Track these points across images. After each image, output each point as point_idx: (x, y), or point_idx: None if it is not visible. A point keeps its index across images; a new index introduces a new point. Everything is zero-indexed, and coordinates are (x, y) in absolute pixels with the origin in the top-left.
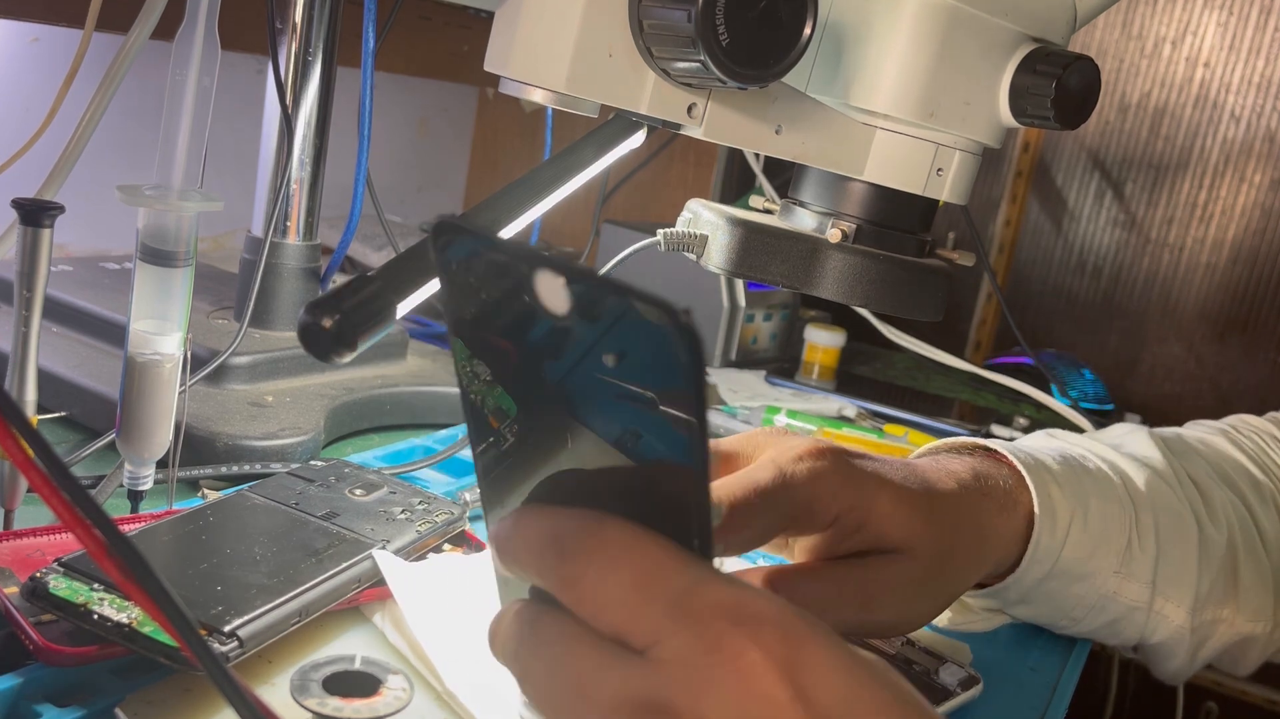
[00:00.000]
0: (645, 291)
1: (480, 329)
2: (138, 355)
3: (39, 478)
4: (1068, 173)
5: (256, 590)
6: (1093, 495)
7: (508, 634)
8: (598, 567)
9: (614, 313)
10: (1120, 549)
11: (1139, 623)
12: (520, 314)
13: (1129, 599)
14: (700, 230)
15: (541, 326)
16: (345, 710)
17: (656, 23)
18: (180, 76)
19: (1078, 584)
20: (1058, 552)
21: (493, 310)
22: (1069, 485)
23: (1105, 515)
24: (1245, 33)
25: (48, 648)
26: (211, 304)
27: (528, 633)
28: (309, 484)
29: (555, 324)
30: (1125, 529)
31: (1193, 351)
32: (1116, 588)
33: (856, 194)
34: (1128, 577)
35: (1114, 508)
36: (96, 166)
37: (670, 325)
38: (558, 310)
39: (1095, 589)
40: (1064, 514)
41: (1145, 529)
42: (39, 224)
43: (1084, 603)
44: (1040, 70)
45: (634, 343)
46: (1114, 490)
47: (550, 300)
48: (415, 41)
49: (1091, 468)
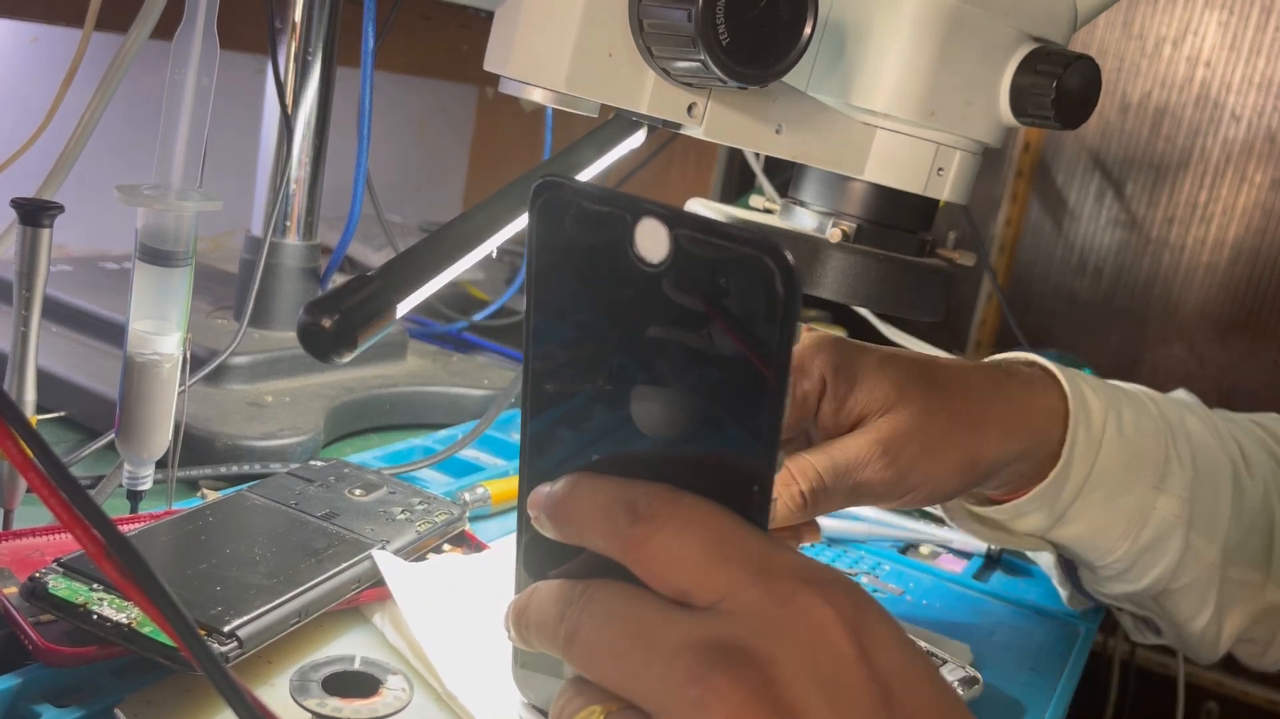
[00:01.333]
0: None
1: (562, 287)
2: (137, 355)
3: (38, 478)
4: (1068, 172)
5: (256, 591)
6: (1126, 406)
7: (548, 598)
8: (671, 527)
9: (710, 255)
10: (1159, 462)
11: (1173, 553)
12: (610, 267)
13: (1168, 513)
14: None
15: (630, 278)
16: (345, 711)
17: (656, 22)
18: (179, 76)
19: (1120, 497)
20: (1096, 449)
21: (581, 266)
22: (1102, 391)
23: (1140, 427)
24: (1246, 32)
25: (47, 648)
26: (211, 304)
27: (577, 594)
28: (308, 484)
29: (647, 274)
30: (1162, 444)
31: (1194, 352)
32: (1155, 502)
33: (857, 194)
34: (1165, 492)
35: (1148, 422)
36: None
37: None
38: (655, 257)
39: (1135, 503)
40: (1098, 413)
41: (1182, 452)
42: (38, 224)
43: (1125, 517)
44: (1041, 70)
45: (728, 284)
46: (1149, 408)
47: (648, 247)
48: (415, 41)
49: (1126, 387)
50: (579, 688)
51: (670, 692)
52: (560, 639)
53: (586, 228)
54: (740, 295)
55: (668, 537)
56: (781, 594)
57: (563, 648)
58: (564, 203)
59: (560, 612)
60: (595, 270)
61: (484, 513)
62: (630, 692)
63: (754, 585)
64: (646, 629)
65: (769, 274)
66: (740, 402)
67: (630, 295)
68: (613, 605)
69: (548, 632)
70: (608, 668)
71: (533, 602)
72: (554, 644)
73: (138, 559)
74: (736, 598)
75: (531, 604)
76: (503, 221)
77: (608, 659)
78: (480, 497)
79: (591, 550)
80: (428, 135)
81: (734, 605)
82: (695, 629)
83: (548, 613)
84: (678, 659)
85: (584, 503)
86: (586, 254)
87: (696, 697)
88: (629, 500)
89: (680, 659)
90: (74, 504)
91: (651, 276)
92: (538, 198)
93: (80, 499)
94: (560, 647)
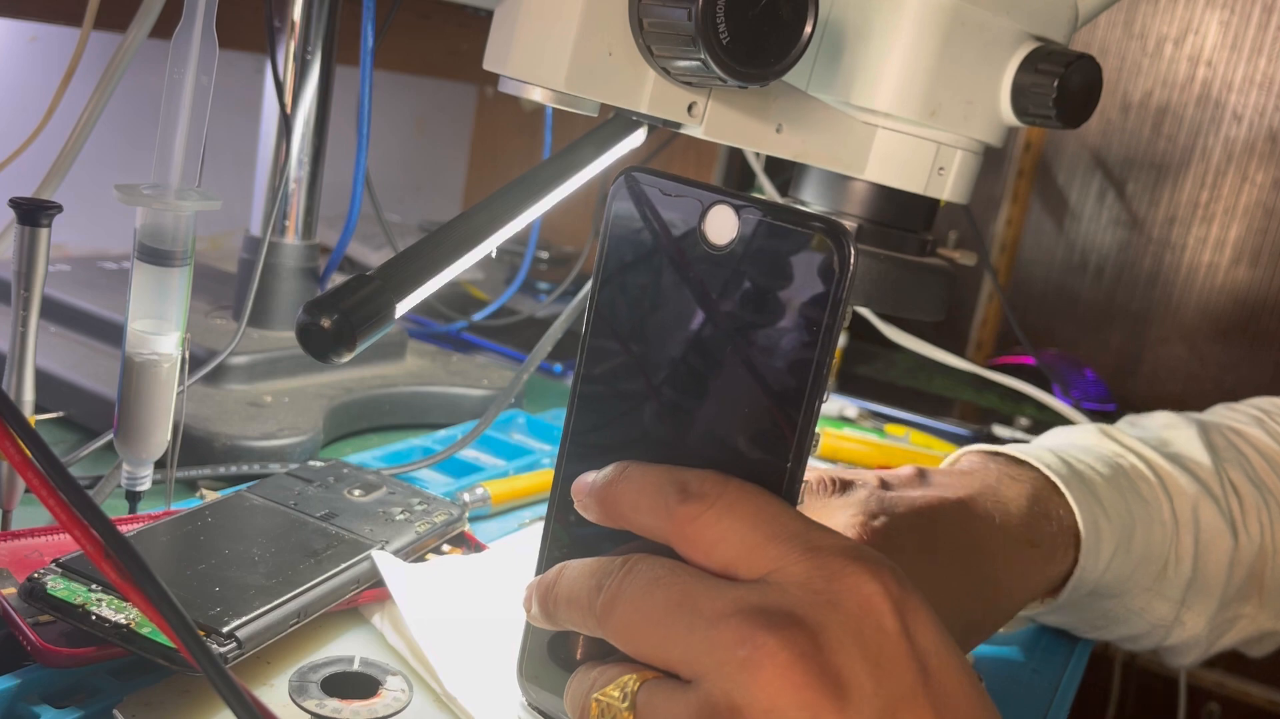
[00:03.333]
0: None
1: (629, 271)
2: (136, 355)
3: (36, 478)
4: (1069, 172)
5: (255, 591)
6: (1139, 524)
7: (582, 572)
8: (722, 504)
9: (773, 237)
10: (1156, 571)
11: (1159, 635)
12: (677, 250)
13: (1155, 617)
14: None
15: (696, 260)
16: (344, 712)
17: (656, 21)
18: (178, 75)
19: (1109, 600)
20: (1097, 579)
21: (650, 250)
22: (1116, 517)
23: (1149, 542)
24: (1247, 32)
25: (45, 649)
26: (210, 304)
27: (616, 565)
28: (307, 485)
29: (712, 256)
30: (1164, 553)
31: (1195, 351)
32: (1144, 604)
33: (858, 193)
34: (1158, 595)
35: (1157, 533)
36: (94, 166)
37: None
38: (722, 240)
39: (1124, 604)
40: (1108, 547)
41: (1184, 552)
42: (37, 223)
43: (1110, 615)
44: (1042, 69)
45: (787, 265)
46: (1159, 513)
47: (717, 231)
48: (414, 40)
49: (1142, 491)
50: (606, 663)
51: (716, 652)
52: (596, 610)
53: (659, 214)
54: (799, 274)
55: (718, 512)
56: (830, 569)
57: (599, 617)
58: (641, 191)
59: (597, 583)
60: (663, 253)
61: (483, 513)
62: (670, 657)
63: (803, 560)
64: (692, 596)
65: (828, 252)
66: (785, 379)
67: (693, 277)
68: (656, 574)
69: (580, 604)
70: (648, 634)
71: (563, 577)
72: (587, 616)
73: (136, 559)
74: (785, 571)
75: (562, 579)
76: (502, 221)
77: (649, 625)
78: (480, 497)
79: (629, 539)
80: (427, 135)
81: (782, 578)
82: (744, 596)
83: (581, 585)
84: (725, 622)
85: (633, 484)
86: (656, 238)
87: (745, 656)
88: (679, 482)
89: (728, 622)
90: (72, 504)
91: (716, 259)
92: (618, 186)
93: (79, 499)
94: (596, 617)
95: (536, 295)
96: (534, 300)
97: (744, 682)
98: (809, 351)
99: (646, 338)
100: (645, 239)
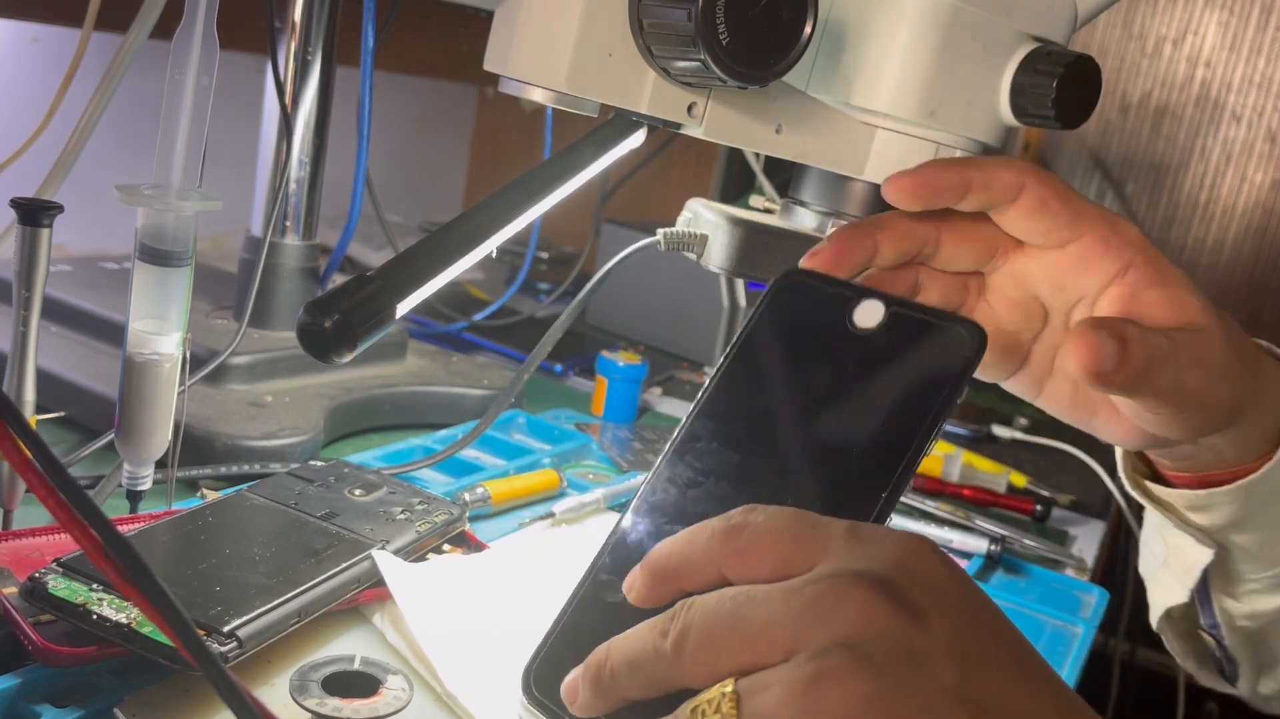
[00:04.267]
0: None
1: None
2: (137, 355)
3: (37, 478)
4: (1069, 172)
5: (256, 591)
6: None
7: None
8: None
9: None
10: None
11: None
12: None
13: None
14: (700, 230)
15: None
16: (345, 711)
17: (656, 22)
18: (179, 76)
19: None
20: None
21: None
22: None
23: None
24: (1246, 32)
25: (46, 648)
26: (210, 304)
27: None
28: (308, 484)
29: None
30: None
31: None
32: None
33: (857, 193)
34: None
35: None
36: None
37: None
38: (868, 325)
39: None
40: None
41: None
42: (38, 223)
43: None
44: (1041, 69)
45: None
46: None
47: (864, 318)
48: (414, 41)
49: None
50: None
51: (800, 616)
52: (666, 653)
53: (811, 302)
54: (931, 355)
55: (761, 518)
56: (875, 537)
57: (671, 656)
58: (799, 282)
59: (659, 632)
60: (807, 330)
61: (484, 513)
62: (756, 650)
63: (847, 537)
64: (758, 595)
65: (963, 341)
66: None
67: (834, 352)
68: (718, 597)
69: (645, 659)
70: (729, 641)
71: (613, 651)
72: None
73: (136, 559)
74: (835, 551)
75: (613, 652)
76: (503, 222)
77: (728, 632)
78: (480, 497)
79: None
80: (427, 135)
81: (834, 558)
82: (808, 576)
83: (639, 644)
84: (798, 594)
85: (677, 542)
86: (805, 320)
87: (830, 605)
88: (716, 520)
89: (800, 593)
90: (72, 504)
91: (859, 338)
92: (780, 281)
93: (79, 500)
94: (667, 659)
95: (537, 295)
96: (534, 300)
97: (835, 625)
98: (922, 423)
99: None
100: (794, 319)
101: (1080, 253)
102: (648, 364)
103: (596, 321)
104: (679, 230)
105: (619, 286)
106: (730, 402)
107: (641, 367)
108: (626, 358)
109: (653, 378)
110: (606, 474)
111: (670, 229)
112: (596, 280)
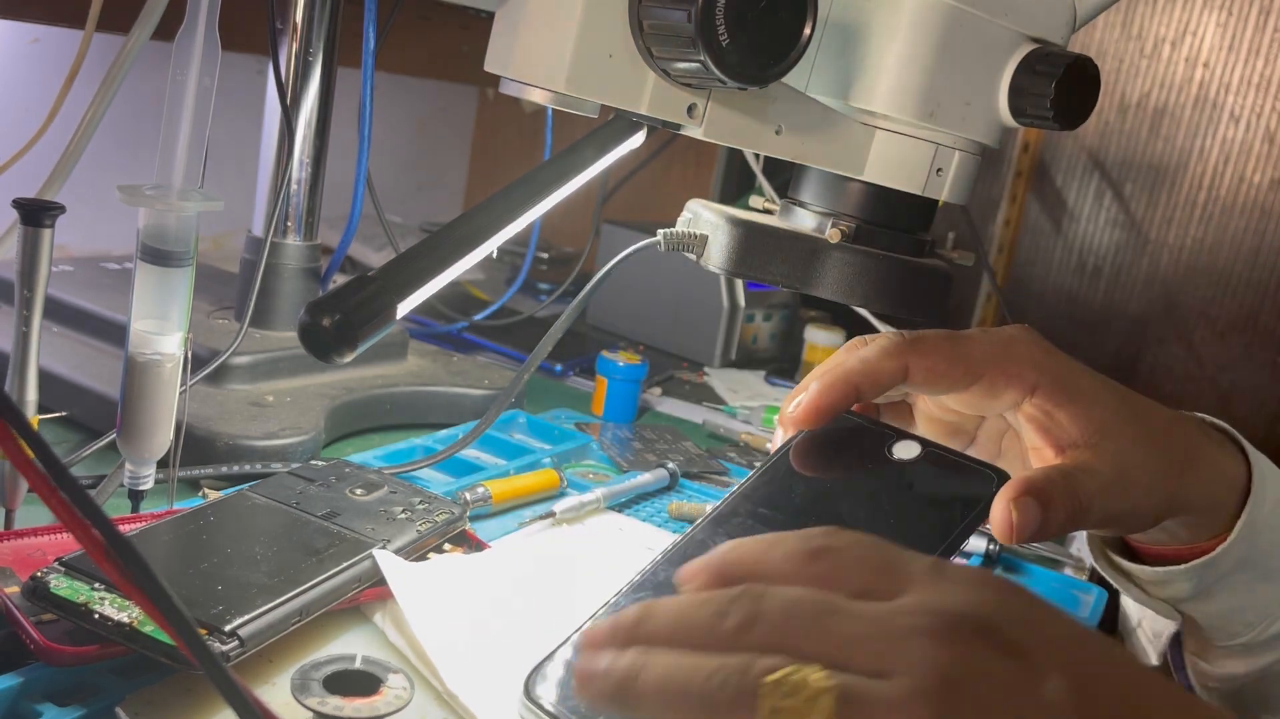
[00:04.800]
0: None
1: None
2: (138, 355)
3: (38, 478)
4: (1067, 173)
5: (257, 590)
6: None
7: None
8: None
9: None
10: None
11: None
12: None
13: None
14: (700, 230)
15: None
16: (346, 710)
17: (656, 23)
18: (181, 77)
19: (1264, 583)
20: (1259, 533)
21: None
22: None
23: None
24: (1245, 33)
25: (48, 647)
26: (212, 304)
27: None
28: (309, 484)
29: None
30: None
31: (1192, 352)
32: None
33: (856, 194)
34: None
35: None
36: (97, 167)
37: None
38: (906, 457)
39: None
40: (1273, 493)
41: None
42: (40, 224)
43: (1261, 609)
44: (1039, 70)
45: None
46: None
47: (902, 453)
48: (415, 41)
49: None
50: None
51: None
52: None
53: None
54: (958, 486)
55: (846, 543)
56: (962, 576)
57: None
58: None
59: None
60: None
61: (484, 512)
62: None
63: (932, 572)
64: (843, 608)
65: (990, 480)
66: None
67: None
68: (797, 594)
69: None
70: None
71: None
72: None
73: (138, 559)
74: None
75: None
76: (503, 222)
77: (802, 634)
78: (481, 496)
79: None
80: (428, 136)
81: (920, 592)
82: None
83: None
84: (891, 621)
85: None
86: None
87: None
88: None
89: (894, 620)
90: (74, 504)
91: (893, 464)
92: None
93: (80, 499)
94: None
95: (537, 296)
96: (534, 301)
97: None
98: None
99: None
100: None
101: (987, 386)
102: (648, 364)
103: (596, 322)
104: (679, 231)
105: (619, 287)
106: (771, 492)
107: (641, 366)
108: (626, 358)
109: (653, 378)
110: (607, 474)
111: (670, 229)
112: (596, 280)
